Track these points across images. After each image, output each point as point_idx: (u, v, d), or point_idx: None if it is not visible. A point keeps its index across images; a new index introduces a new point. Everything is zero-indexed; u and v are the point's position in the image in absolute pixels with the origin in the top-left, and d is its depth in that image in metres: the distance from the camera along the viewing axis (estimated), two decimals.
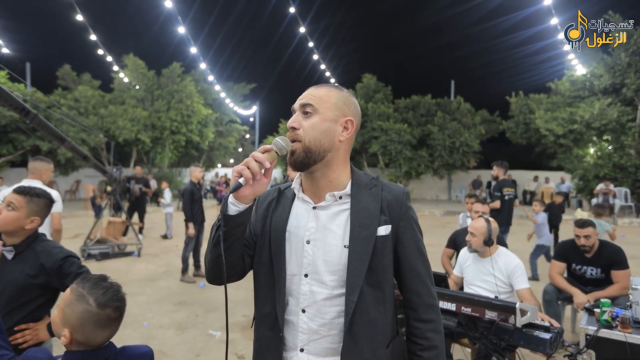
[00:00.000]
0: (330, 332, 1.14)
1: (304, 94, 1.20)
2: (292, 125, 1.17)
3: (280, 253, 1.19)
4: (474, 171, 18.77)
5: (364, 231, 1.14)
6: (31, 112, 4.22)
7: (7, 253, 1.86)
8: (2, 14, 15.60)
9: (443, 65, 20.16)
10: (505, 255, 2.90)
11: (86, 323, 1.24)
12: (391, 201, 1.19)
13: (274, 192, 1.29)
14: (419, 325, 1.19)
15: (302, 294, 1.16)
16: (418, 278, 1.20)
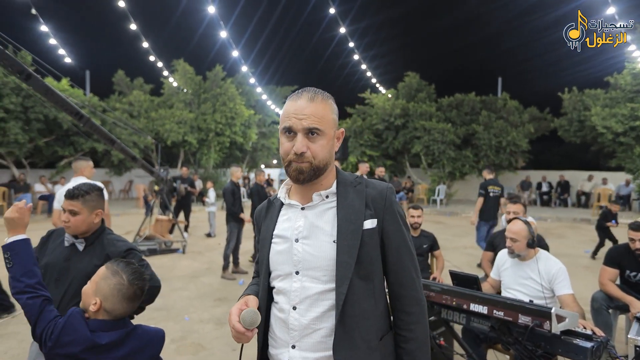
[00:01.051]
0: (322, 325, 1.18)
1: (306, 113, 1.17)
2: (301, 151, 1.17)
3: (266, 258, 1.27)
4: (522, 172, 17.93)
5: (350, 225, 1.18)
6: (84, 116, 4.53)
7: (78, 245, 2.03)
8: (64, 27, 16.84)
9: (489, 61, 19.40)
10: (547, 259, 2.75)
11: (117, 294, 1.51)
12: (375, 196, 1.23)
13: (266, 204, 1.38)
14: (403, 317, 1.23)
15: (293, 290, 1.20)
16: (403, 270, 1.24)
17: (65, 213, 1.96)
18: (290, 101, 1.22)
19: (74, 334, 1.45)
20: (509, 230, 2.77)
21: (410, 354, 1.22)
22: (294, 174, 1.19)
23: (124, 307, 1.54)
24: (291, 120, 1.17)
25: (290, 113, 1.18)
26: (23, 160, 14.52)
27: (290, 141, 1.19)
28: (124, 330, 1.55)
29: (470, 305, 2.22)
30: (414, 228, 4.30)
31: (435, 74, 20.31)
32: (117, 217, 13.35)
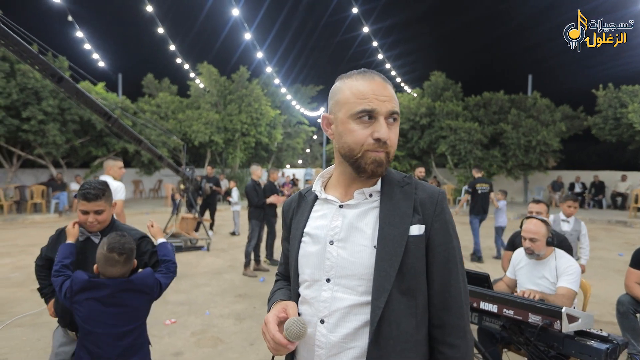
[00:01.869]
0: (353, 345, 1.01)
1: (387, 95, 1.03)
2: (386, 138, 1.02)
3: (294, 259, 1.13)
4: (554, 172, 17.34)
5: (394, 230, 1.01)
6: (112, 116, 4.73)
7: (94, 238, 2.17)
8: (98, 33, 17.57)
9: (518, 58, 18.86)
10: (562, 257, 2.68)
11: (101, 260, 1.91)
12: (425, 200, 1.06)
13: (297, 197, 1.23)
14: (444, 350, 1.02)
15: (322, 301, 1.04)
16: (450, 292, 1.03)
17: (90, 214, 2.07)
18: (361, 81, 1.04)
19: (76, 280, 1.93)
20: (527, 231, 2.71)
21: None
22: (371, 166, 1.02)
23: (109, 271, 1.91)
24: (373, 102, 1.00)
25: (369, 94, 1.00)
26: (60, 160, 15.21)
27: (367, 127, 1.01)
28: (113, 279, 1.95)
29: (480, 304, 2.20)
30: None
31: (462, 73, 19.95)
32: (147, 215, 13.79)
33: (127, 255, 1.92)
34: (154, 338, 3.92)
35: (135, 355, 1.96)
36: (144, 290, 2.00)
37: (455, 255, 1.05)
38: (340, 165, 1.11)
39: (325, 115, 1.11)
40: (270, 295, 1.23)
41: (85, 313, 1.88)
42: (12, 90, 12.42)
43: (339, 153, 1.09)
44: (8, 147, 13.89)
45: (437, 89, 18.59)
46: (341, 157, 1.08)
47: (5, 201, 12.96)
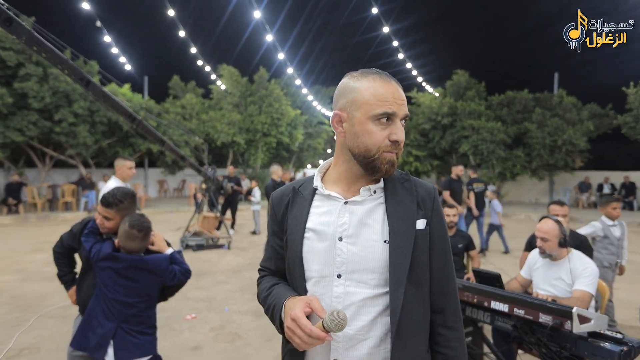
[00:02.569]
0: (370, 335, 1.05)
1: (403, 99, 1.08)
2: (402, 141, 1.07)
3: (298, 255, 1.12)
4: (581, 172, 16.82)
5: (403, 225, 1.07)
6: (137, 118, 4.90)
7: (113, 237, 2.31)
8: (125, 36, 18.11)
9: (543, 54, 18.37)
10: (579, 258, 2.64)
11: (123, 235, 2.14)
12: (424, 196, 1.13)
13: (289, 191, 1.21)
14: (445, 332, 1.10)
15: (335, 296, 1.06)
16: (447, 279, 1.12)
17: (100, 217, 2.23)
18: (379, 82, 1.07)
19: (103, 250, 2.18)
20: (539, 230, 2.70)
21: None
22: (385, 166, 1.06)
23: (129, 244, 2.15)
24: (393, 105, 1.04)
25: (389, 97, 1.04)
26: (89, 160, 15.78)
27: (384, 129, 1.05)
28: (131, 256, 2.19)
29: (491, 303, 2.20)
30: (450, 227, 4.26)
31: (485, 71, 19.56)
32: (171, 214, 14.15)
33: (145, 232, 2.17)
34: (174, 332, 4.07)
35: (140, 325, 2.17)
36: (154, 271, 2.20)
37: (449, 246, 1.15)
38: (347, 163, 1.12)
39: (338, 112, 1.11)
40: (268, 292, 1.19)
41: (103, 278, 2.16)
42: (45, 94, 12.97)
43: (348, 151, 1.10)
44: (41, 147, 14.51)
45: (459, 88, 18.34)
46: (350, 155, 1.10)
47: (39, 199, 13.54)
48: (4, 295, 5.18)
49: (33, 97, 12.84)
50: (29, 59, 13.00)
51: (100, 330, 2.10)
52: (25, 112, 13.05)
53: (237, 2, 15.36)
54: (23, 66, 12.94)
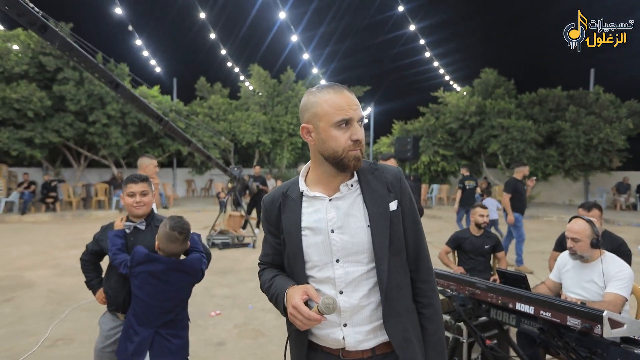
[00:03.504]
0: (369, 301, 1.29)
1: (356, 104, 1.27)
2: (362, 139, 1.26)
3: (298, 250, 1.31)
4: (619, 172, 16.06)
5: (379, 209, 1.29)
6: (163, 119, 5.03)
7: (140, 225, 2.38)
8: (155, 39, 18.64)
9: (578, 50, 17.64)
10: (612, 261, 2.52)
11: (163, 237, 2.12)
12: (392, 180, 1.34)
13: (279, 196, 1.39)
14: (421, 285, 1.36)
15: (338, 277, 1.28)
16: (420, 244, 1.37)
17: (137, 195, 2.31)
18: (333, 94, 1.25)
19: (137, 253, 2.16)
20: (569, 230, 2.59)
21: (429, 318, 1.35)
22: (352, 162, 1.25)
23: (170, 247, 2.13)
24: (349, 112, 1.23)
25: (344, 105, 1.23)
26: (121, 160, 16.33)
27: (345, 132, 1.24)
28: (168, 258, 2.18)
29: (516, 305, 2.13)
30: (480, 228, 4.16)
31: (515, 69, 18.93)
32: (198, 213, 14.45)
33: (185, 234, 2.16)
34: (199, 328, 4.15)
35: (175, 328, 2.18)
36: (191, 273, 2.21)
37: (417, 216, 1.38)
38: (322, 166, 1.32)
39: (304, 125, 1.31)
40: (270, 282, 1.38)
41: (139, 283, 2.14)
42: (81, 97, 13.52)
43: (320, 155, 1.30)
44: (77, 148, 15.12)
45: (488, 86, 17.88)
46: (322, 159, 1.30)
47: (74, 198, 14.12)
48: (42, 289, 5.43)
49: (70, 100, 13.41)
50: (67, 64, 13.59)
51: (137, 337, 2.09)
52: (62, 114, 13.64)
53: (262, 3, 15.53)
54: (61, 70, 13.54)
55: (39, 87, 13.19)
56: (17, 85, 12.79)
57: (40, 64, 13.47)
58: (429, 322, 1.35)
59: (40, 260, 7.14)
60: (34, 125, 13.13)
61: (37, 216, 12.56)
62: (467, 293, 2.42)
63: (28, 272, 6.26)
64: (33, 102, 12.64)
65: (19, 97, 12.51)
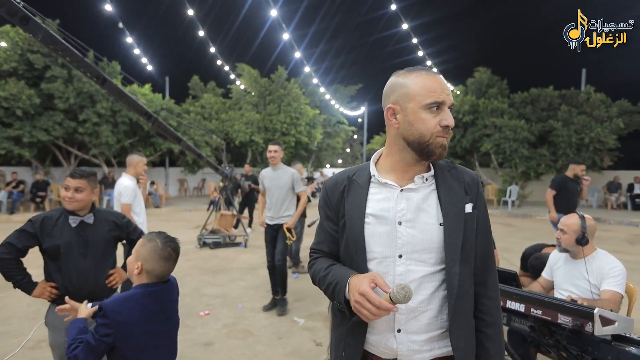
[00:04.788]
0: (429, 307, 1.19)
1: (448, 88, 1.21)
2: (453, 125, 1.19)
3: (360, 238, 1.22)
4: (610, 172, 16.18)
5: (454, 208, 1.20)
6: (152, 116, 4.95)
7: (87, 219, 2.36)
8: (147, 37, 18.49)
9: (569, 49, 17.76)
10: (603, 258, 2.49)
11: (153, 255, 1.73)
12: (470, 182, 1.26)
13: (343, 179, 1.32)
14: (486, 302, 1.25)
15: (398, 274, 1.19)
16: (489, 256, 1.28)
17: (70, 191, 2.26)
18: (425, 77, 1.19)
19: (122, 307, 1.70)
20: (561, 222, 2.60)
21: (492, 338, 1.23)
22: (438, 150, 1.18)
23: (162, 267, 1.75)
24: (441, 95, 1.17)
25: (437, 88, 1.17)
26: (112, 160, 16.15)
27: (435, 116, 1.17)
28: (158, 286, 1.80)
29: (507, 303, 2.09)
30: None
31: (508, 69, 19.06)
32: (190, 212, 14.33)
33: (177, 254, 1.83)
34: (187, 328, 4.07)
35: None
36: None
37: (490, 226, 1.31)
38: (401, 152, 1.24)
39: (390, 106, 1.23)
40: (327, 271, 1.26)
41: (134, 346, 1.68)
42: (70, 95, 13.34)
43: (402, 140, 1.22)
44: (67, 147, 14.92)
45: (481, 85, 17.93)
46: (404, 144, 1.22)
47: None
48: None
49: (59, 98, 13.22)
50: (55, 62, 13.40)
51: None
52: (51, 113, 13.45)
53: (254, 1, 15.44)
54: (49, 68, 13.35)
55: (27, 84, 13.00)
56: (6, 83, 12.59)
57: (28, 62, 13.28)
58: (492, 342, 1.23)
59: (27, 259, 7.00)
60: (23, 124, 12.94)
61: (26, 216, 12.37)
62: None
63: None
64: (22, 100, 12.46)
65: (7, 95, 12.31)
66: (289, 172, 4.73)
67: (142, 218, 4.16)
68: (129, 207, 3.94)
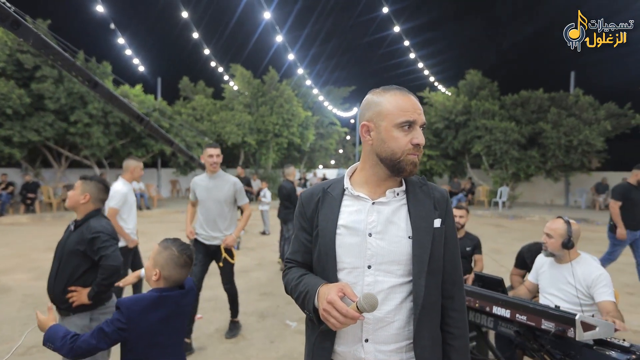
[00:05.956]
0: (397, 317, 1.22)
1: (420, 108, 1.26)
2: (423, 144, 1.24)
3: (331, 248, 1.25)
4: (598, 173, 16.43)
5: (423, 223, 1.24)
6: (144, 119, 4.95)
7: (72, 226, 2.41)
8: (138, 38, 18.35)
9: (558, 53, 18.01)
10: (586, 263, 2.56)
11: (170, 263, 1.80)
12: (439, 199, 1.31)
13: (319, 191, 1.36)
14: (454, 315, 1.28)
15: (367, 284, 1.22)
16: (456, 269, 1.31)
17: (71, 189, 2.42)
18: (399, 97, 1.24)
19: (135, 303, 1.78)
20: (546, 226, 2.66)
21: (459, 350, 1.27)
22: (409, 167, 1.23)
23: (178, 273, 1.83)
24: (413, 115, 1.22)
25: (410, 108, 1.22)
26: (103, 161, 16.03)
27: (407, 135, 1.22)
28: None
29: (493, 308, 2.15)
30: (457, 229, 4.21)
31: (499, 71, 19.21)
32: (182, 214, 14.27)
33: (192, 260, 1.91)
34: None
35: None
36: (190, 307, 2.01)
37: (457, 242, 1.34)
38: (374, 167, 1.29)
39: (365, 123, 1.28)
40: (298, 280, 1.30)
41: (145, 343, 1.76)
42: (60, 95, 13.23)
43: (376, 156, 1.27)
44: (57, 148, 14.78)
45: (472, 87, 18.10)
46: (377, 159, 1.27)
47: (55, 199, 13.81)
48: (17, 294, 5.28)
49: (49, 99, 13.11)
50: (45, 62, 13.28)
51: None
52: (42, 114, 13.32)
53: (247, 3, 15.43)
54: (40, 68, 13.22)
55: (17, 85, 12.86)
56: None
57: (18, 62, 13.15)
58: (458, 354, 1.26)
59: (17, 263, 6.96)
60: (13, 124, 12.80)
61: (16, 217, 12.25)
62: None
63: (4, 276, 6.08)
64: (12, 99, 12.33)
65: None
66: (231, 182, 3.88)
67: (131, 225, 4.14)
68: (116, 211, 3.91)
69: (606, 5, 6.70)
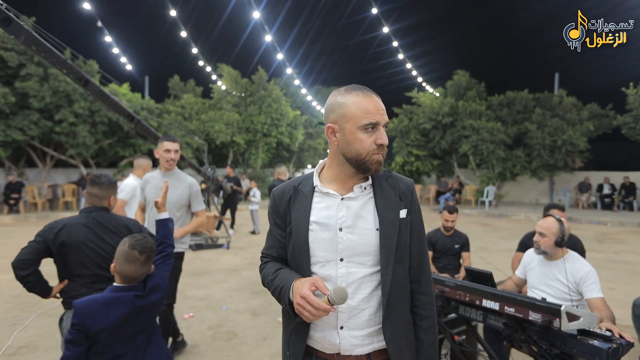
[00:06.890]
0: (369, 305, 1.29)
1: (383, 109, 1.30)
2: (386, 144, 1.29)
3: (304, 244, 1.32)
4: (581, 172, 16.81)
5: (389, 215, 1.31)
6: (135, 117, 4.93)
7: None
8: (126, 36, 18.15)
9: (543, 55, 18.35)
10: (575, 260, 2.65)
11: (121, 258, 1.87)
12: (404, 190, 1.37)
13: (290, 189, 1.41)
14: (421, 297, 1.37)
15: (340, 276, 1.29)
16: (423, 255, 1.39)
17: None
18: (362, 98, 1.27)
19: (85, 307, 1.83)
20: (538, 225, 2.71)
21: (426, 330, 1.36)
22: (374, 166, 1.29)
23: (128, 269, 1.87)
24: (376, 116, 1.26)
25: (372, 109, 1.26)
26: (90, 160, 15.80)
27: (371, 136, 1.27)
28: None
29: (483, 301, 2.22)
30: (447, 230, 4.31)
31: (486, 72, 19.49)
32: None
33: (147, 254, 1.91)
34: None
35: (150, 345, 1.97)
36: (159, 305, 2.04)
37: (423, 229, 1.43)
38: (340, 166, 1.34)
39: (330, 125, 1.33)
40: (274, 275, 1.36)
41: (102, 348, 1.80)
42: (45, 94, 13.00)
43: (342, 156, 1.32)
44: (42, 147, 14.53)
45: (460, 88, 18.32)
46: (343, 159, 1.32)
47: (39, 199, 13.58)
48: (3, 294, 5.22)
49: (34, 97, 12.88)
50: (30, 60, 13.05)
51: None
52: (27, 112, 13.09)
53: (237, 2, 15.39)
54: (24, 66, 12.98)
55: (0, 83, 12.62)
56: None
57: (2, 60, 12.89)
58: (426, 334, 1.36)
59: (2, 264, 6.85)
60: None
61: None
62: (436, 291, 2.50)
63: None
64: None
65: None
66: (187, 182, 3.29)
67: None
68: (123, 203, 3.94)
69: (599, 6, 6.83)
